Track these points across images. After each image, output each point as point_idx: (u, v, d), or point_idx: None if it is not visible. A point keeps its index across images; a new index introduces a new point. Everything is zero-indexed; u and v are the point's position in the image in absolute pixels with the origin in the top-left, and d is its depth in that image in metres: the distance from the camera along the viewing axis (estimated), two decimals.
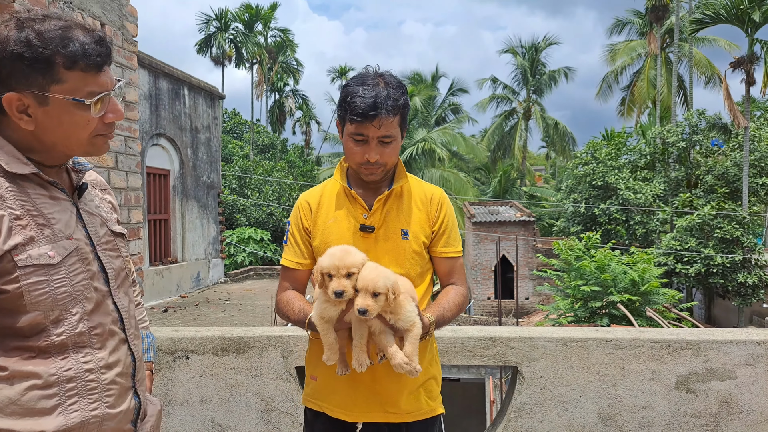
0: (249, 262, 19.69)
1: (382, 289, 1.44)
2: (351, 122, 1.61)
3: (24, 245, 1.11)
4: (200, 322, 8.22)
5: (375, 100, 1.57)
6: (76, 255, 1.19)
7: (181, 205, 11.15)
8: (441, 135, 28.04)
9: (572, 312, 11.99)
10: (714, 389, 2.49)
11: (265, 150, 35.04)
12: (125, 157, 3.25)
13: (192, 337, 2.65)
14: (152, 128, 9.99)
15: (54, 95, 1.14)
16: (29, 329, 1.12)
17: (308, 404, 1.77)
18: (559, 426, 2.53)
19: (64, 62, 1.13)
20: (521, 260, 19.87)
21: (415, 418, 1.68)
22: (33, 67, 1.11)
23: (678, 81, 24.11)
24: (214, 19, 35.92)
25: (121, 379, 1.23)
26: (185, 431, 2.64)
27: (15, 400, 1.10)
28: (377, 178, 1.71)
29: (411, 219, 1.72)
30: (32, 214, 1.15)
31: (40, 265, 1.12)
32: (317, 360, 1.72)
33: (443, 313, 1.66)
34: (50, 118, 1.16)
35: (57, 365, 1.14)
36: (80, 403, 1.15)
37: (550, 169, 46.05)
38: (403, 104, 1.63)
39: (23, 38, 1.10)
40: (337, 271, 1.45)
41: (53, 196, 1.20)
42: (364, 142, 1.63)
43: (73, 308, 1.16)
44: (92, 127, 1.20)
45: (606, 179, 20.37)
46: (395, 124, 1.63)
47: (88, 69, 1.15)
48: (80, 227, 1.24)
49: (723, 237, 16.45)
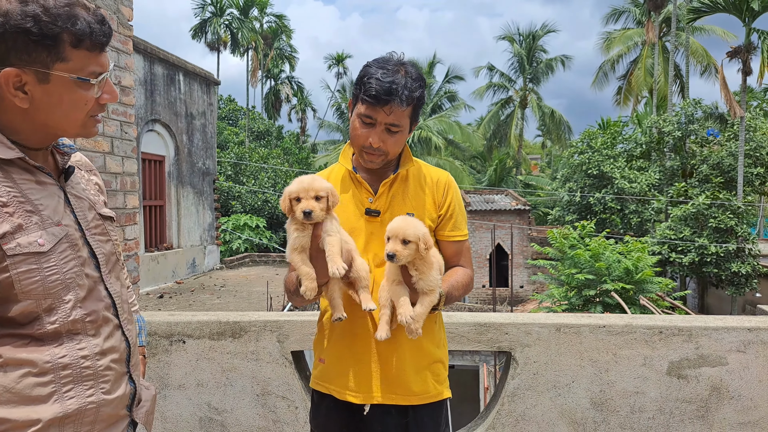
0: (244, 249, 19.69)
1: (413, 237, 1.44)
2: (363, 102, 1.60)
3: (12, 233, 1.08)
4: (196, 308, 8.24)
5: (391, 85, 1.55)
6: (66, 242, 1.16)
7: (177, 191, 11.11)
8: (437, 123, 28.00)
9: (566, 300, 12.08)
10: (705, 375, 2.52)
11: (260, 137, 34.86)
12: (121, 142, 3.24)
13: (188, 321, 2.66)
14: (147, 114, 9.92)
15: (57, 73, 1.11)
16: (21, 318, 1.10)
17: (315, 386, 1.77)
18: (552, 410, 2.56)
19: (71, 40, 1.10)
20: (516, 249, 19.95)
21: (422, 401, 1.69)
22: (39, 44, 1.08)
23: (675, 70, 24.09)
24: (209, 4, 35.53)
25: (116, 365, 1.22)
26: (182, 414, 2.66)
27: (9, 388, 1.08)
28: (376, 166, 1.69)
29: (417, 203, 1.72)
30: (19, 200, 1.11)
31: (30, 254, 1.09)
32: (326, 342, 1.73)
33: (451, 290, 1.67)
34: (49, 96, 1.13)
35: (51, 352, 1.12)
36: (76, 390, 1.14)
37: (546, 157, 46.07)
38: (418, 97, 1.62)
39: (30, 12, 1.07)
40: (306, 193, 1.47)
41: (39, 180, 1.17)
42: (371, 125, 1.62)
43: (66, 296, 1.14)
44: (89, 107, 1.18)
45: (601, 168, 20.41)
46: (406, 115, 1.62)
47: (92, 48, 1.14)
48: (68, 212, 1.20)
49: (717, 227, 16.55)
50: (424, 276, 1.51)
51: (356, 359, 1.65)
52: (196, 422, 2.66)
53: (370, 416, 1.68)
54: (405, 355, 1.66)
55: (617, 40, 27.84)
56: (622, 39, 27.75)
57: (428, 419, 1.70)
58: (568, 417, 2.56)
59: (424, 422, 1.70)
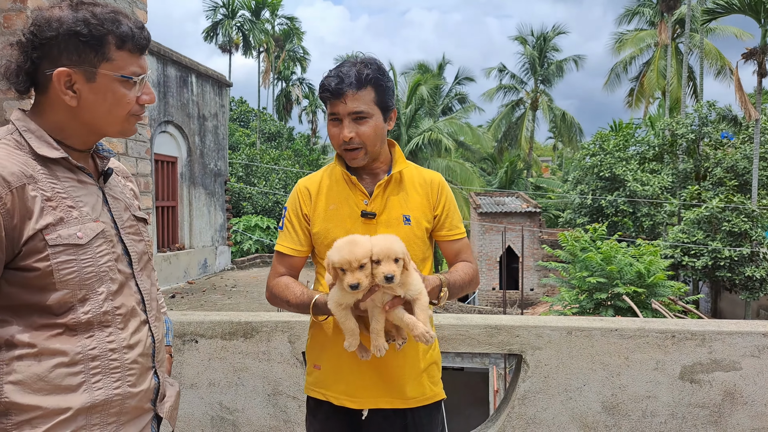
0: (255, 250, 19.79)
1: (401, 254, 1.45)
2: (325, 103, 1.66)
3: (54, 225, 1.16)
4: (207, 308, 8.30)
5: (338, 74, 1.62)
6: (102, 237, 1.23)
7: (189, 192, 11.19)
8: (447, 125, 27.91)
9: (577, 303, 12.00)
10: (718, 380, 2.50)
11: (271, 138, 35.04)
12: (135, 143, 3.28)
13: (201, 321, 2.69)
14: (160, 115, 10.01)
15: (103, 71, 1.21)
16: (57, 307, 1.16)
17: (311, 393, 1.76)
18: (563, 414, 2.55)
19: (116, 42, 1.21)
20: (527, 251, 19.85)
21: (419, 404, 1.70)
22: (88, 44, 1.19)
23: (688, 72, 23.85)
24: (221, 6, 35.80)
25: (142, 359, 1.27)
26: (194, 413, 2.68)
27: (43, 377, 1.14)
28: (360, 163, 1.70)
29: (412, 204, 1.73)
30: (62, 196, 1.20)
31: (69, 245, 1.17)
32: (320, 349, 1.74)
33: (455, 278, 1.68)
34: (95, 95, 1.22)
35: (82, 344, 1.18)
36: (104, 381, 1.19)
37: (557, 160, 45.82)
38: (371, 77, 1.63)
39: (81, 17, 1.19)
40: (350, 265, 1.45)
41: (81, 180, 1.26)
42: (338, 121, 1.66)
43: (99, 288, 1.21)
44: (131, 106, 1.27)
45: (613, 171, 20.26)
46: (367, 100, 1.64)
47: (134, 50, 1.25)
48: (106, 211, 1.29)
49: (731, 230, 16.35)
50: (408, 285, 1.50)
51: (353, 365, 1.66)
52: (208, 421, 2.68)
53: (368, 421, 1.68)
54: (401, 360, 1.67)
55: (629, 41, 27.63)
56: (634, 41, 27.53)
57: (426, 421, 1.72)
58: (580, 421, 2.54)
59: (423, 424, 1.71)
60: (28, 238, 1.13)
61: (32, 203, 1.14)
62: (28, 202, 1.14)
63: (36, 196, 1.15)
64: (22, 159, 1.17)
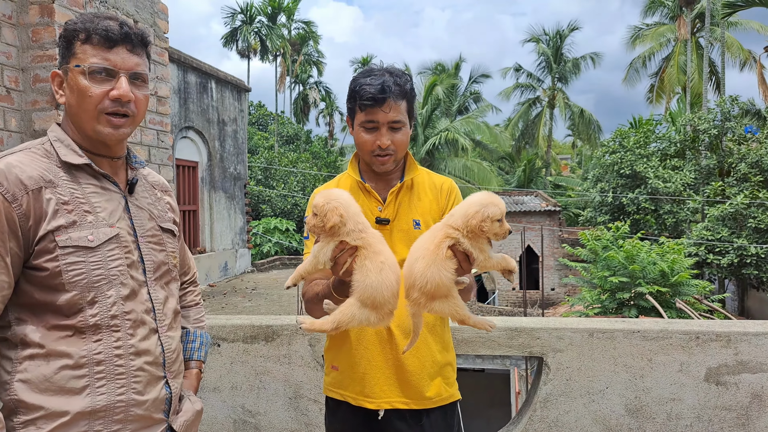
0: (275, 252, 19.93)
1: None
2: (362, 109, 1.68)
3: (66, 227, 1.20)
4: (228, 311, 8.39)
5: (383, 85, 1.65)
6: (116, 242, 1.26)
7: (209, 196, 11.33)
8: (464, 124, 27.77)
9: (599, 303, 11.84)
10: (745, 382, 2.45)
11: (289, 141, 35.28)
12: (158, 150, 3.34)
13: (223, 324, 2.73)
14: (181, 121, 10.16)
15: (70, 66, 1.26)
16: (68, 308, 1.19)
17: (330, 393, 1.81)
18: (586, 417, 2.53)
19: (81, 37, 1.26)
20: (546, 251, 19.66)
21: (435, 405, 1.72)
22: (63, 44, 1.28)
23: (709, 66, 23.39)
24: (239, 13, 36.19)
25: (150, 368, 1.27)
26: (216, 416, 2.72)
27: (49, 378, 1.17)
28: (389, 168, 1.75)
29: (422, 209, 1.77)
30: (80, 201, 1.24)
31: (78, 247, 1.20)
32: (338, 349, 1.77)
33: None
34: (69, 91, 1.28)
35: (89, 347, 1.20)
36: (108, 387, 1.20)
37: (576, 157, 45.28)
38: (409, 89, 1.71)
39: (69, 22, 1.28)
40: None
41: (104, 187, 1.30)
42: (375, 128, 1.69)
43: (108, 291, 1.23)
44: (96, 100, 1.25)
45: (634, 168, 19.93)
46: (403, 110, 1.70)
47: (99, 43, 1.25)
48: (126, 218, 1.31)
49: (757, 227, 15.98)
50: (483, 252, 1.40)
51: (370, 366, 1.69)
52: (231, 424, 2.72)
53: (385, 421, 1.71)
54: (418, 361, 1.70)
55: (649, 36, 27.20)
56: (653, 36, 27.10)
57: (442, 422, 1.74)
58: (603, 424, 2.52)
59: (439, 425, 1.73)
60: (39, 239, 1.18)
61: (47, 205, 1.19)
62: (43, 204, 1.19)
63: (51, 198, 1.20)
64: (45, 165, 1.23)
